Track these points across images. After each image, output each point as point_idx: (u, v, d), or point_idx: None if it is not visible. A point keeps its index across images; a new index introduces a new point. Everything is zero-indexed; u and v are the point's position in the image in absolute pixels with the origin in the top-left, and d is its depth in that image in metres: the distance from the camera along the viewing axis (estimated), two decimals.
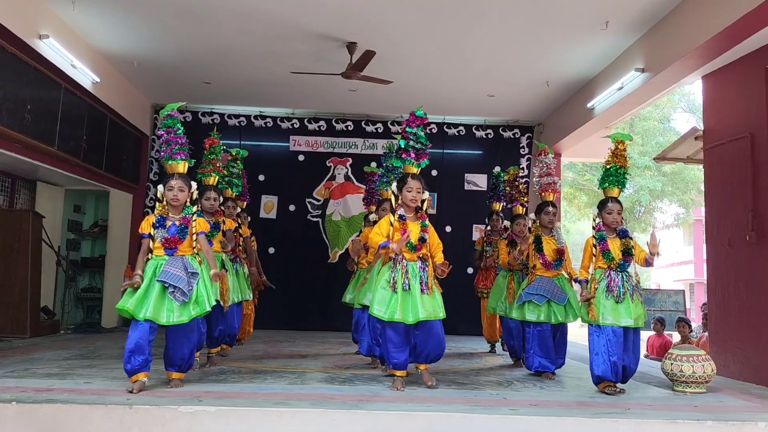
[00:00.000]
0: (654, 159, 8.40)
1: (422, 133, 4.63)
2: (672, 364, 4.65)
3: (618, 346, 4.45)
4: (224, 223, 5.45)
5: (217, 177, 5.48)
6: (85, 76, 7.36)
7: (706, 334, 7.51)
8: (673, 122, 21.52)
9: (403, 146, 4.61)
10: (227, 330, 5.45)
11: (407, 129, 4.62)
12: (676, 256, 29.95)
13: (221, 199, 5.43)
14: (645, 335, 11.63)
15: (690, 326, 9.01)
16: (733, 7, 5.07)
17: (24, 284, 7.16)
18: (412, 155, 4.57)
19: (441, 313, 4.46)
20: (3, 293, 7.09)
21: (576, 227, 25.47)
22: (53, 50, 6.57)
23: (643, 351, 9.41)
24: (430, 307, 4.39)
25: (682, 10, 5.94)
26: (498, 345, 7.16)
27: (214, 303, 4.28)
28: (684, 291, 12.96)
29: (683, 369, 4.57)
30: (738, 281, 5.73)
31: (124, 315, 4.03)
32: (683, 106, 21.66)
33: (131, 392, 3.83)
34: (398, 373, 4.42)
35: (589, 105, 8.04)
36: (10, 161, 7.15)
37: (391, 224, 4.47)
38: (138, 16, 6.75)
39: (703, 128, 6.48)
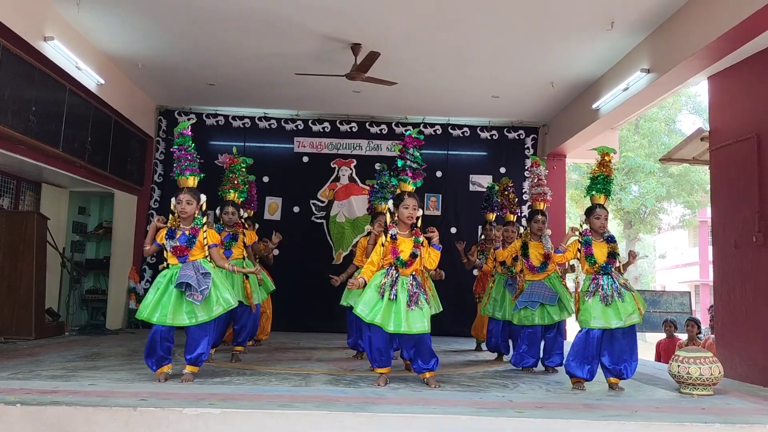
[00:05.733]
0: (660, 160, 8.38)
1: (418, 154, 4.84)
2: (679, 366, 4.62)
3: (595, 348, 4.68)
4: (244, 234, 5.90)
5: (235, 193, 5.89)
6: (89, 77, 7.38)
7: (713, 336, 7.47)
8: (678, 123, 21.49)
9: (400, 166, 4.81)
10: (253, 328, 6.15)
11: (405, 150, 4.81)
12: (681, 257, 29.84)
13: (240, 212, 5.89)
14: (655, 338, 11.58)
15: (699, 327, 8.98)
16: (739, 8, 5.06)
17: (29, 286, 7.15)
18: (409, 174, 4.76)
19: (417, 328, 4.52)
20: (8, 295, 7.09)
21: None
22: (58, 52, 6.59)
23: (653, 355, 9.41)
24: (413, 321, 4.51)
25: (688, 11, 5.92)
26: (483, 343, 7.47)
27: (232, 301, 4.60)
28: (690, 293, 12.88)
29: (690, 371, 4.54)
30: (744, 283, 5.70)
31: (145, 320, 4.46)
32: (689, 107, 21.63)
33: (159, 381, 4.36)
34: (380, 370, 4.63)
35: (594, 106, 8.02)
36: (15, 163, 7.16)
37: (383, 245, 4.67)
38: (143, 18, 6.76)
39: (709, 129, 6.46)
